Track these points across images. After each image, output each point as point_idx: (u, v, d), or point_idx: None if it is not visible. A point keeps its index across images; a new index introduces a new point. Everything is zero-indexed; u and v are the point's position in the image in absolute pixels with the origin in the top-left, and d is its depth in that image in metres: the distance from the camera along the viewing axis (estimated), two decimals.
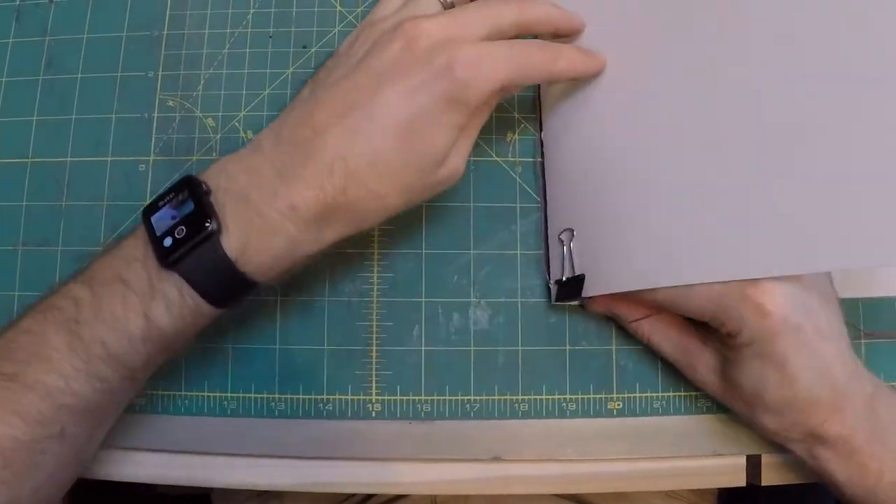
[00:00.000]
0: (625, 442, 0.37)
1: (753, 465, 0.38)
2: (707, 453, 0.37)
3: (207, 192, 0.29)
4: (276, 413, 0.37)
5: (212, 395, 0.37)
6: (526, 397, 0.37)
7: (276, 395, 0.37)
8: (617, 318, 0.37)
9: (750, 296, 0.30)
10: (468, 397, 0.37)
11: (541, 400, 0.37)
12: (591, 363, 0.37)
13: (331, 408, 0.37)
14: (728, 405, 0.35)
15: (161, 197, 0.30)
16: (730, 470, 0.37)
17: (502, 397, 0.37)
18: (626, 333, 0.37)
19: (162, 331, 0.29)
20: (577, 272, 0.36)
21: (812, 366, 0.31)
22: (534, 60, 0.31)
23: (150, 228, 0.29)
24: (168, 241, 0.28)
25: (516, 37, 0.32)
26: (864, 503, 0.32)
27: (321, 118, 0.28)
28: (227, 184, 0.29)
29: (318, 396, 0.37)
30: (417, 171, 0.29)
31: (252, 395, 0.37)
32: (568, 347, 0.38)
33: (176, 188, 0.29)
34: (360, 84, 0.29)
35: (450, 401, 0.37)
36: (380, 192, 0.29)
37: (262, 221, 0.28)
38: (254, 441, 0.37)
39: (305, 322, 0.38)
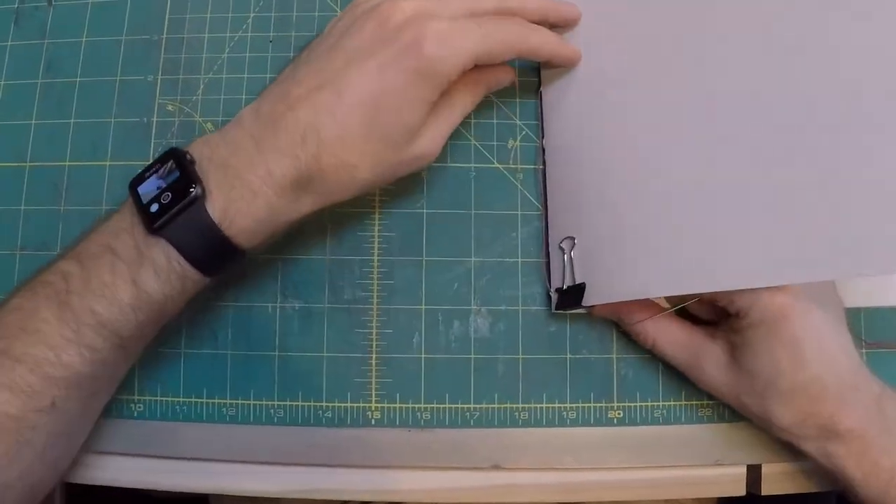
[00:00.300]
0: (625, 451, 0.37)
1: (754, 474, 0.37)
2: (708, 462, 0.37)
3: (192, 162, 0.30)
4: (275, 420, 0.37)
5: (210, 401, 0.37)
6: (526, 406, 0.37)
7: (275, 402, 0.37)
8: (621, 321, 0.36)
9: None
10: (468, 405, 0.37)
11: (541, 408, 0.37)
12: (591, 372, 0.37)
13: (330, 415, 0.37)
14: (738, 405, 0.34)
15: (147, 168, 0.31)
16: (730, 479, 0.37)
17: (502, 405, 0.37)
18: (627, 341, 0.37)
19: (151, 297, 0.29)
20: (578, 280, 0.35)
21: (821, 351, 0.31)
22: (504, 34, 0.32)
23: (136, 198, 0.30)
24: (154, 207, 0.29)
25: None
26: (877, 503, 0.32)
27: (296, 94, 0.30)
28: (210, 153, 0.30)
29: (318, 403, 0.37)
30: (385, 146, 0.30)
31: (251, 402, 0.37)
32: (568, 356, 0.37)
33: (161, 159, 0.30)
34: (334, 62, 0.30)
35: (450, 409, 0.37)
36: (350, 161, 0.30)
37: (243, 186, 0.29)
38: (253, 448, 0.36)
39: (304, 328, 0.37)
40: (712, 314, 0.36)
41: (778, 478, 0.37)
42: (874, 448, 0.31)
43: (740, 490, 0.37)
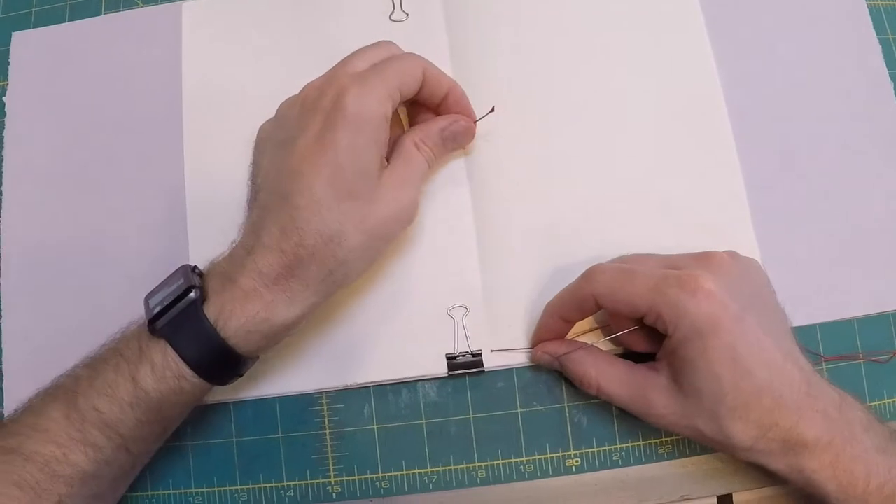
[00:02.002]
0: (587, 497, 0.37)
1: None
2: (674, 499, 0.37)
3: (199, 275, 0.33)
4: (240, 503, 0.37)
5: (176, 492, 0.38)
6: (482, 464, 0.37)
7: (238, 487, 0.38)
8: (563, 364, 0.35)
9: (686, 280, 0.30)
10: (425, 469, 0.37)
11: (498, 465, 0.37)
12: (544, 423, 0.37)
13: (292, 493, 0.37)
14: (695, 435, 0.32)
15: (161, 283, 0.33)
16: None
17: (458, 466, 0.37)
18: (576, 389, 0.37)
19: (148, 395, 0.31)
20: (474, 348, 0.37)
21: (763, 358, 0.30)
22: (403, 63, 0.33)
23: (147, 306, 0.32)
24: (156, 309, 0.31)
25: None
26: None
27: (263, 199, 0.33)
28: (213, 267, 0.33)
29: (279, 484, 0.37)
30: (358, 200, 0.32)
31: (215, 489, 0.38)
32: (519, 410, 0.37)
33: (174, 273, 0.33)
34: (282, 154, 0.33)
35: (407, 475, 0.37)
36: (332, 229, 0.31)
37: (235, 289, 0.31)
38: None
39: (258, 411, 0.38)
40: (649, 345, 0.35)
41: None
42: (845, 457, 0.30)
43: None
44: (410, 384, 0.38)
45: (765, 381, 0.30)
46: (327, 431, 0.38)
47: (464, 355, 0.37)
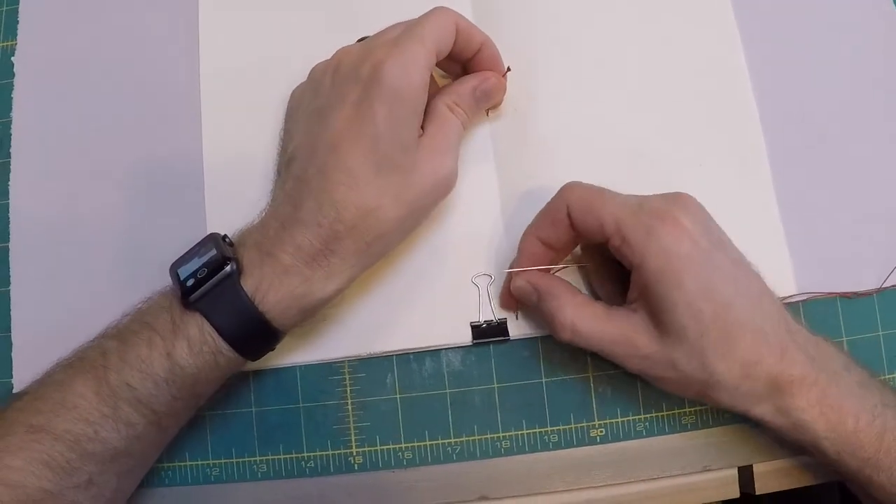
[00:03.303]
0: (611, 467, 0.37)
1: (746, 475, 0.37)
2: (696, 469, 0.37)
3: (230, 245, 0.32)
4: (259, 475, 0.37)
5: (193, 464, 0.37)
6: (507, 434, 0.37)
7: (257, 458, 0.37)
8: (540, 302, 0.33)
9: (658, 209, 0.30)
10: (448, 440, 0.37)
11: (522, 435, 0.37)
12: (569, 393, 0.37)
13: (313, 464, 0.37)
14: (681, 381, 0.31)
15: (188, 252, 0.32)
16: (723, 483, 0.37)
17: (483, 437, 0.37)
18: (601, 359, 0.36)
19: (184, 370, 0.30)
20: (499, 317, 0.37)
21: (739, 290, 0.30)
22: (438, 17, 0.32)
23: (176, 278, 0.31)
24: (190, 282, 0.30)
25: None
26: (849, 456, 0.30)
27: (297, 170, 0.32)
28: (246, 238, 0.32)
29: (299, 455, 0.37)
30: (396, 174, 0.31)
31: (233, 460, 0.37)
32: (544, 379, 0.37)
33: (202, 242, 0.32)
34: (316, 124, 0.32)
35: (430, 446, 0.37)
36: (370, 204, 0.30)
37: (274, 263, 0.30)
38: None
39: (279, 381, 0.37)
40: (619, 286, 0.34)
41: (772, 476, 0.37)
42: (831, 393, 0.29)
43: (734, 493, 0.37)
44: (434, 353, 0.37)
45: (745, 314, 0.29)
46: (349, 401, 0.37)
47: (488, 323, 0.37)
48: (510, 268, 0.36)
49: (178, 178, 0.40)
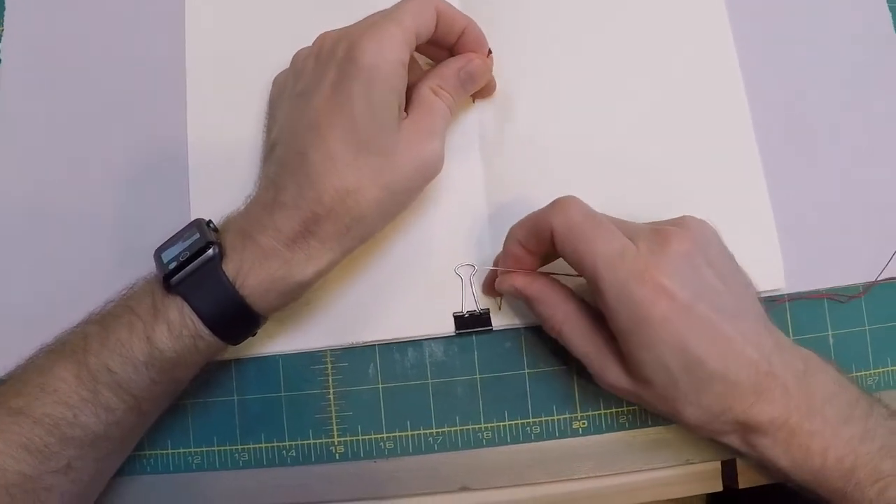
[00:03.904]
0: (593, 459, 0.37)
1: (729, 469, 0.37)
2: (679, 462, 0.37)
3: (214, 230, 0.32)
4: (241, 464, 0.37)
5: (175, 451, 0.37)
6: (489, 425, 0.37)
7: (239, 446, 0.37)
8: (530, 299, 0.33)
9: (639, 266, 0.29)
10: (430, 430, 0.37)
11: (504, 426, 0.37)
12: (551, 384, 0.37)
13: (294, 453, 0.37)
14: (647, 407, 0.32)
15: (172, 237, 0.32)
16: (705, 476, 0.37)
17: (465, 427, 0.37)
18: None
19: (163, 354, 0.30)
20: (482, 307, 0.36)
21: (717, 346, 0.29)
22: (417, 9, 0.32)
23: (159, 260, 0.31)
24: (172, 265, 0.30)
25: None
26: (813, 488, 0.30)
27: (280, 154, 0.32)
28: (229, 223, 0.32)
29: (280, 444, 0.37)
30: (376, 156, 0.31)
31: (215, 448, 0.37)
32: (527, 371, 0.37)
33: (186, 227, 0.32)
34: (298, 107, 0.32)
35: (412, 436, 0.37)
36: (349, 186, 0.30)
37: (255, 247, 0.31)
38: (220, 493, 0.37)
39: (261, 370, 0.37)
40: None
41: (754, 470, 0.36)
42: (801, 432, 0.29)
43: (717, 486, 0.37)
44: (416, 343, 0.37)
45: (718, 366, 0.29)
46: (331, 390, 0.37)
47: (471, 314, 0.36)
48: (495, 264, 0.36)
49: (162, 165, 0.39)
